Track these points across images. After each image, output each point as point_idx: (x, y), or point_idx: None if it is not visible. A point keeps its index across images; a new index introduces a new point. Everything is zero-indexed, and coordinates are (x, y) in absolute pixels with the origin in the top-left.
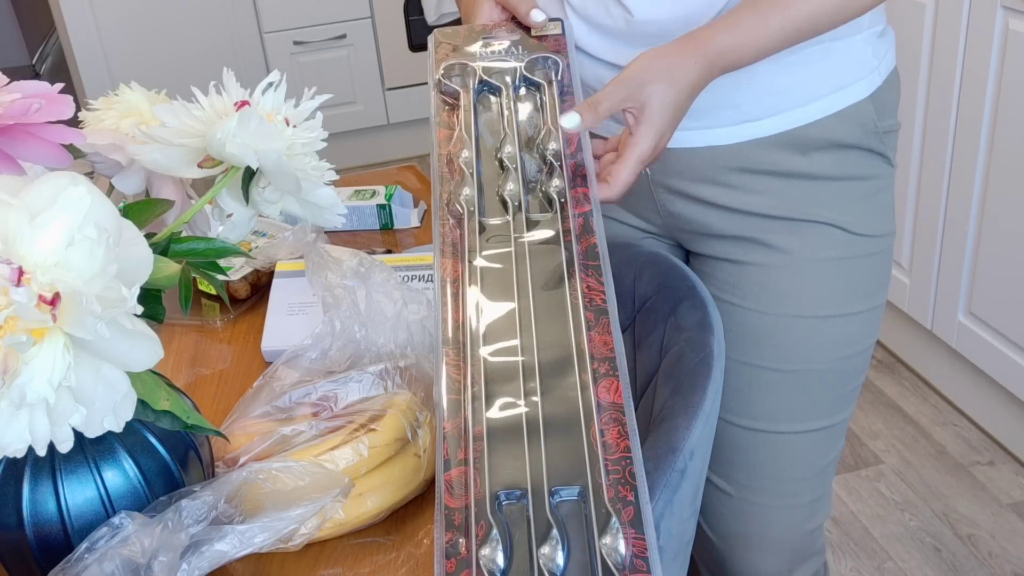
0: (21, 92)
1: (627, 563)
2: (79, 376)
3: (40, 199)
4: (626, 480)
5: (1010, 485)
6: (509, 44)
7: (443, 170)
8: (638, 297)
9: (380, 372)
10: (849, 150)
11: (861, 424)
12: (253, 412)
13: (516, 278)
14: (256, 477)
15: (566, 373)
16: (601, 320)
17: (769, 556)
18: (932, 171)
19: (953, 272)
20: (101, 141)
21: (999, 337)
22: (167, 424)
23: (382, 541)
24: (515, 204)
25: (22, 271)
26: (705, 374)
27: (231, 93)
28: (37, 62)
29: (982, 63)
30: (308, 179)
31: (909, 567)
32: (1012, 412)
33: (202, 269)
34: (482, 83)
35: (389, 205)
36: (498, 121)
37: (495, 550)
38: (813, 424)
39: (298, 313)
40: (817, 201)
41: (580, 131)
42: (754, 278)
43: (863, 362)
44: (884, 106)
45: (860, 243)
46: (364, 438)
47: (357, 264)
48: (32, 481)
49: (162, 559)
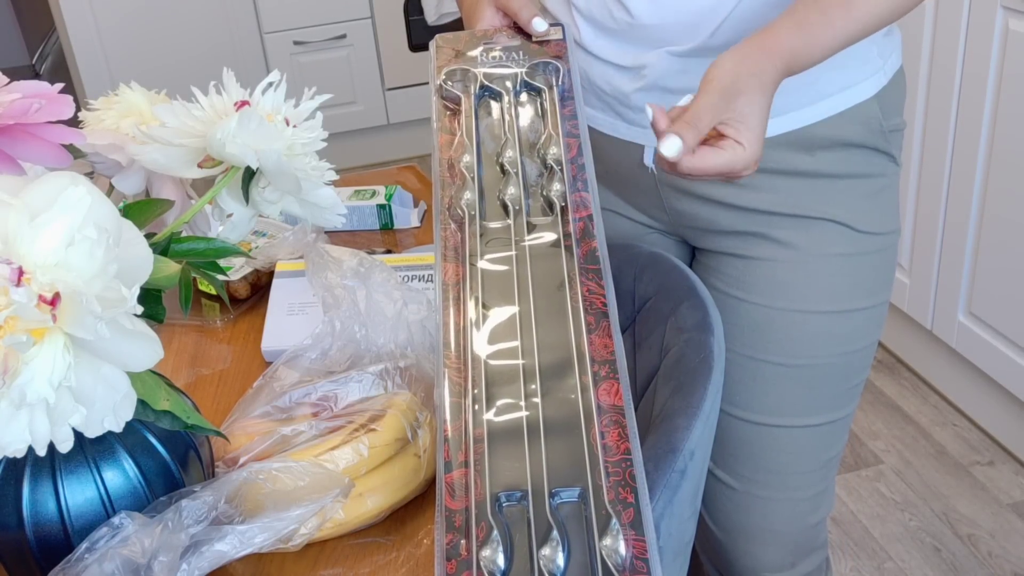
0: (21, 92)
1: (627, 564)
2: (79, 376)
3: (40, 199)
4: (626, 482)
5: (1010, 485)
6: (510, 49)
7: (444, 174)
8: (638, 297)
9: (380, 372)
10: (854, 149)
11: (861, 424)
12: (253, 412)
13: (517, 282)
14: (256, 477)
15: (566, 375)
16: (601, 323)
17: (772, 549)
18: (932, 171)
19: (953, 272)
20: (101, 141)
21: (999, 337)
22: (167, 424)
23: (382, 541)
24: (516, 208)
25: (22, 271)
26: (705, 374)
27: (231, 93)
28: (37, 62)
29: (982, 63)
30: (308, 179)
31: (909, 567)
32: (1012, 412)
33: (202, 269)
34: (483, 88)
35: (389, 205)
36: (499, 126)
37: (496, 551)
38: (817, 418)
39: (298, 313)
40: (823, 199)
41: (682, 155)
42: (760, 273)
43: (867, 358)
44: (889, 105)
45: (865, 240)
46: (364, 438)
47: (357, 264)
48: (32, 481)
49: (162, 559)
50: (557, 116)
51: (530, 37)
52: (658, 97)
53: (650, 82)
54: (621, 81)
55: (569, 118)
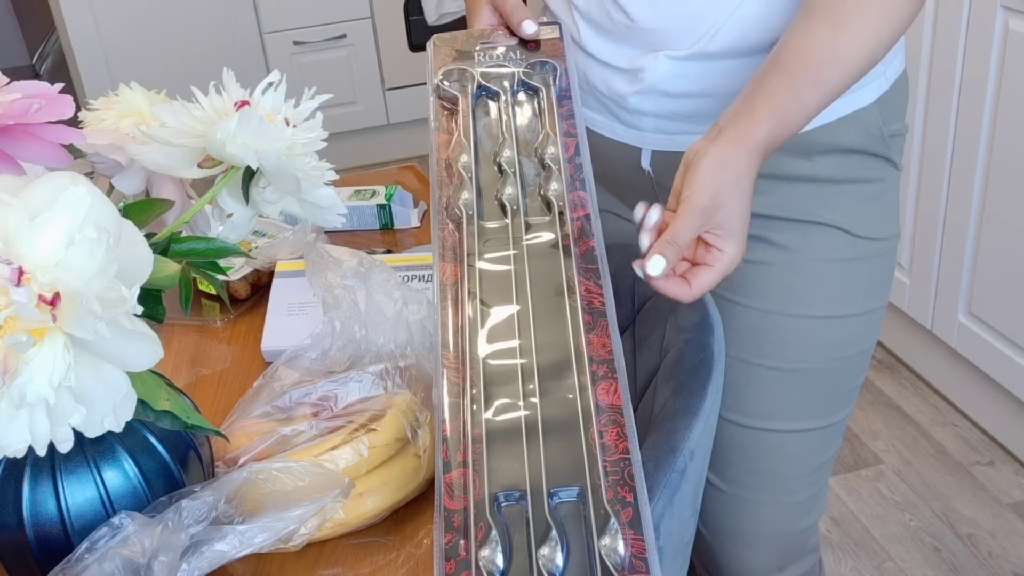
0: (21, 92)
1: (626, 564)
2: (79, 376)
3: (40, 199)
4: (625, 481)
5: (1010, 485)
6: (507, 49)
7: (442, 175)
8: (638, 297)
9: (380, 372)
10: (854, 154)
11: (861, 424)
12: (253, 412)
13: (515, 281)
14: (256, 477)
15: (565, 375)
16: (600, 323)
17: (760, 553)
18: (932, 171)
19: (953, 272)
20: (101, 141)
21: (999, 337)
22: (167, 424)
23: (382, 541)
24: (514, 208)
25: (22, 271)
26: (705, 375)
27: (231, 93)
28: (37, 62)
29: (982, 63)
30: (308, 179)
31: (909, 567)
32: (1012, 412)
33: (202, 269)
34: (481, 88)
35: (389, 205)
36: (497, 126)
37: (494, 551)
38: (810, 423)
39: (298, 313)
40: (820, 203)
41: (667, 272)
42: (756, 276)
43: (862, 363)
44: (891, 111)
45: (863, 245)
46: (364, 438)
47: (357, 264)
48: (32, 481)
49: (162, 559)
50: (554, 115)
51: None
52: (655, 100)
53: (648, 85)
54: (619, 83)
55: (566, 117)
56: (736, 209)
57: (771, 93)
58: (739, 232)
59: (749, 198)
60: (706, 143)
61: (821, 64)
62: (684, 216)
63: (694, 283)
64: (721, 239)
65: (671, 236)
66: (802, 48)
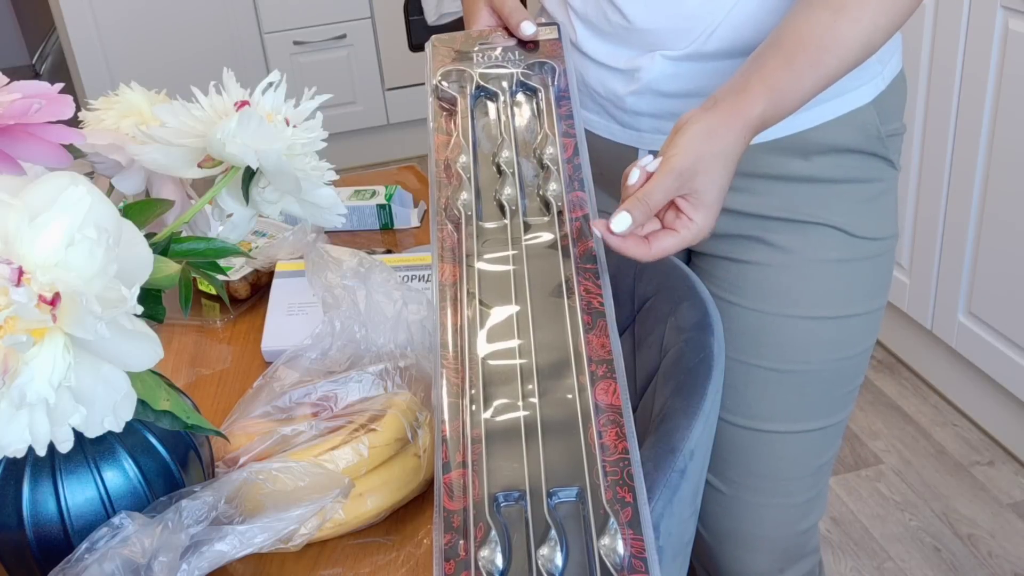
0: (21, 92)
1: (625, 563)
2: (79, 376)
3: (40, 199)
4: (624, 481)
5: (1010, 485)
6: (506, 50)
7: (441, 175)
8: (638, 297)
9: (380, 372)
10: (851, 154)
11: (861, 424)
12: (253, 412)
13: (514, 282)
14: (256, 477)
15: (564, 375)
16: (599, 323)
17: (760, 555)
18: (932, 171)
19: (953, 272)
20: (101, 141)
21: (999, 337)
22: (167, 424)
23: (382, 541)
24: (512, 208)
25: (22, 271)
26: (705, 374)
27: (231, 93)
28: (37, 62)
29: (982, 63)
30: (308, 179)
31: (909, 567)
32: (1012, 412)
33: (202, 269)
34: (479, 88)
35: (389, 205)
36: (495, 126)
37: (494, 551)
38: (809, 424)
39: (298, 313)
40: (818, 203)
41: (631, 230)
42: (754, 277)
43: (861, 364)
44: (888, 110)
45: (861, 246)
46: (364, 438)
47: (357, 264)
48: (32, 481)
49: (162, 559)
50: (553, 116)
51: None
52: (652, 101)
53: (644, 86)
54: (616, 84)
55: (565, 118)
56: (716, 180)
57: (769, 72)
58: (713, 204)
59: (731, 173)
60: (700, 112)
61: (820, 47)
62: (660, 176)
63: (654, 245)
64: (693, 207)
65: (643, 194)
66: (802, 30)
